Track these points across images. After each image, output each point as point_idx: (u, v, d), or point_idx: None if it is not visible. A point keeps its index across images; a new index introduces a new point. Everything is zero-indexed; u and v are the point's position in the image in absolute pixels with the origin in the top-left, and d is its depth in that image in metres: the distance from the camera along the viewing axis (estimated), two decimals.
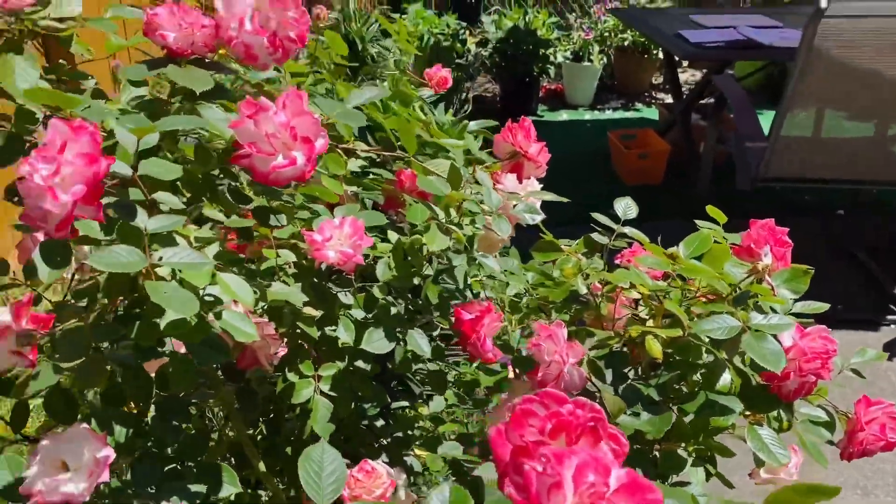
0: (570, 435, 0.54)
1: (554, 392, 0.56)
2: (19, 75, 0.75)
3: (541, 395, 0.56)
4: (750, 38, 3.33)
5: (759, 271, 0.81)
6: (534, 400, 0.56)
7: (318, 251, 0.94)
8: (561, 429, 0.54)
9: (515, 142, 1.05)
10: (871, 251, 3.13)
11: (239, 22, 0.73)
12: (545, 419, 0.54)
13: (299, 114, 0.71)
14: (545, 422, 0.54)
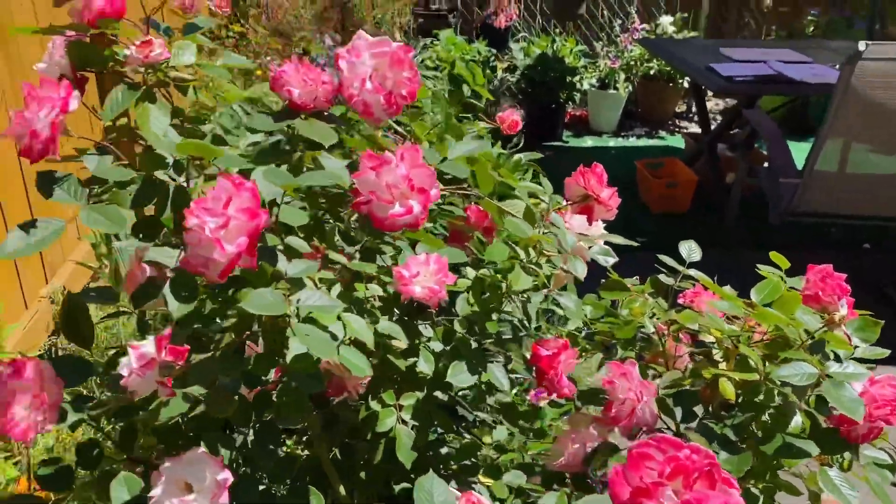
0: (688, 478, 0.59)
1: (670, 438, 0.61)
2: (153, 122, 0.81)
3: (656, 440, 0.61)
4: (781, 73, 3.39)
5: (835, 322, 0.86)
6: (650, 444, 0.61)
7: (406, 286, 0.99)
8: (679, 472, 0.59)
9: (588, 186, 1.11)
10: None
11: (361, 82, 0.79)
12: (664, 463, 0.59)
13: (416, 166, 0.77)
14: (664, 465, 0.59)
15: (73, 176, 0.79)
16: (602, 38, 5.70)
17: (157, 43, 0.80)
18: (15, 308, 2.23)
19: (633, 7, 5.65)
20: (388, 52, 0.81)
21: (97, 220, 0.75)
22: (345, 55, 0.81)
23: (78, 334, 0.94)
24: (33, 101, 0.72)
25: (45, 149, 0.73)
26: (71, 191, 0.78)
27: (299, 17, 4.78)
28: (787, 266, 1.11)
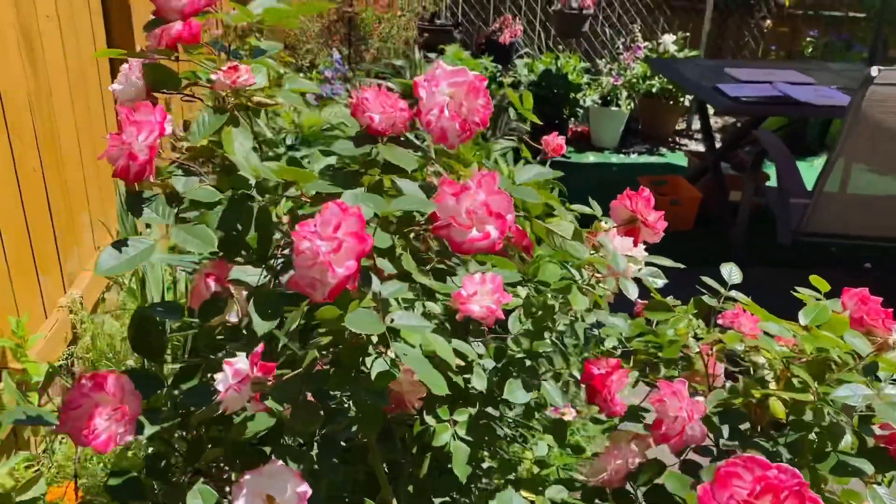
0: (777, 496, 0.62)
1: (757, 458, 0.64)
2: (237, 145, 0.84)
3: (744, 460, 0.64)
4: (787, 94, 3.45)
5: (889, 346, 0.89)
6: (737, 463, 0.64)
7: (464, 305, 1.02)
8: (768, 490, 0.62)
9: (636, 209, 1.14)
10: None
11: (440, 110, 0.83)
12: (754, 481, 0.62)
13: (493, 192, 0.80)
14: (754, 484, 0.62)
15: (161, 196, 0.82)
16: (605, 55, 5.77)
17: (244, 69, 0.83)
18: (36, 318, 2.24)
19: (635, 25, 5.72)
20: (466, 82, 0.84)
21: (188, 240, 0.77)
22: (424, 84, 0.84)
23: (148, 348, 0.97)
24: (131, 124, 0.75)
25: (143, 171, 0.75)
26: (159, 210, 0.81)
27: (306, 30, 4.82)
28: (827, 289, 1.15)
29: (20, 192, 2.10)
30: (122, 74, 0.96)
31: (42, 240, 2.24)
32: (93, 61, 2.58)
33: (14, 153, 2.06)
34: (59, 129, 2.31)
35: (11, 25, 2.01)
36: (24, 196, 2.12)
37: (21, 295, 2.13)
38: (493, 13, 5.80)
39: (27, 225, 2.17)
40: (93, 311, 2.54)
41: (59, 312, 2.38)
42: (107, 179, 2.73)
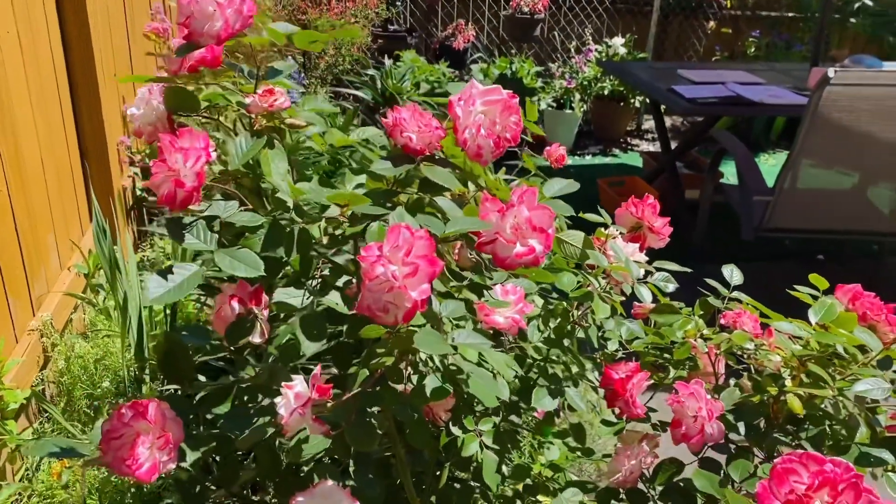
0: (834, 489, 0.65)
1: (813, 454, 0.67)
2: (275, 168, 0.84)
3: (800, 456, 0.67)
4: (740, 95, 3.57)
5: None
6: (793, 460, 0.67)
7: (489, 317, 1.04)
8: (825, 484, 0.65)
9: (642, 216, 1.18)
10: None
11: (476, 128, 0.84)
12: (812, 476, 0.66)
13: (535, 207, 0.82)
14: (812, 478, 0.65)
15: (202, 221, 0.81)
16: (556, 58, 5.86)
17: (279, 92, 0.83)
18: (7, 343, 2.17)
19: (586, 29, 5.83)
20: (500, 100, 0.86)
21: (235, 265, 0.77)
22: (460, 103, 0.85)
23: (177, 372, 0.96)
24: (177, 151, 0.74)
25: (189, 197, 0.75)
26: (201, 236, 0.80)
27: None
28: (826, 287, 1.21)
29: None
30: (139, 99, 0.95)
31: (10, 264, 2.17)
32: (51, 77, 2.51)
33: None
34: (21, 148, 2.24)
35: None
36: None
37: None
38: (445, 18, 5.83)
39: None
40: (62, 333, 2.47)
41: (29, 336, 2.31)
42: (70, 199, 2.66)
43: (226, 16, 0.80)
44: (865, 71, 2.50)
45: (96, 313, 2.58)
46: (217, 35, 0.81)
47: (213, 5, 0.79)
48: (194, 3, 0.78)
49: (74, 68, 2.69)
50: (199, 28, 0.81)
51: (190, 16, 0.80)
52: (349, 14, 4.94)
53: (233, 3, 0.80)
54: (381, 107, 2.45)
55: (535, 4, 5.11)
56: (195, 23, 0.80)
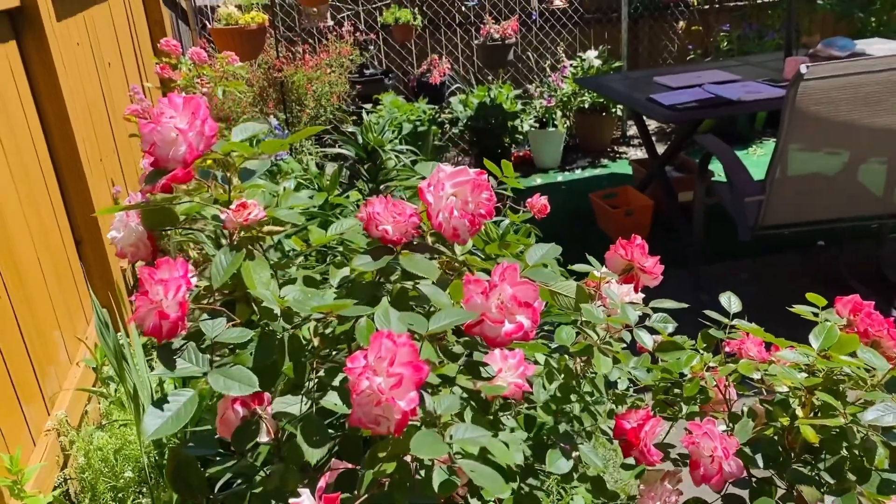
0: None
1: None
2: (258, 279, 0.84)
3: None
4: (718, 95, 3.59)
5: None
6: None
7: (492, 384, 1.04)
8: None
9: (633, 258, 1.18)
10: (861, 278, 3.36)
11: (449, 212, 0.85)
12: None
13: (518, 283, 0.82)
14: None
15: (192, 344, 0.82)
16: (533, 79, 5.90)
17: (252, 204, 0.84)
18: (25, 447, 2.17)
19: (558, 47, 5.87)
20: (469, 180, 0.87)
21: (230, 384, 0.77)
22: (430, 189, 0.86)
23: (189, 488, 0.95)
24: (157, 283, 0.75)
25: (175, 327, 0.75)
26: (192, 359, 0.81)
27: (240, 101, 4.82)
28: (824, 304, 1.20)
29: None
30: (118, 222, 0.96)
31: (20, 370, 2.18)
32: (37, 172, 2.54)
33: None
34: (16, 250, 2.26)
35: None
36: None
37: (7, 428, 2.06)
38: (418, 55, 5.89)
39: (2, 357, 2.11)
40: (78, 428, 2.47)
41: (47, 437, 2.31)
42: (71, 291, 2.67)
43: (188, 140, 0.80)
44: (837, 62, 2.51)
45: (109, 404, 2.58)
46: (183, 159, 0.82)
47: (175, 131, 0.80)
48: (155, 132, 0.79)
49: (59, 159, 2.71)
50: (164, 154, 0.82)
51: (153, 143, 0.81)
52: (324, 65, 5.00)
53: (194, 126, 0.81)
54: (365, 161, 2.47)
55: (504, 30, 5.16)
56: (159, 150, 0.81)
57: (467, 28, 5.85)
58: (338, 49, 5.07)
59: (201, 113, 0.81)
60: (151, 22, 4.47)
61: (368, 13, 5.71)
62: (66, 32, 2.91)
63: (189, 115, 0.81)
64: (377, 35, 5.74)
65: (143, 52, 4.24)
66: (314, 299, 0.78)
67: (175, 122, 0.80)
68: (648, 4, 6.09)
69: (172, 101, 0.81)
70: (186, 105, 0.81)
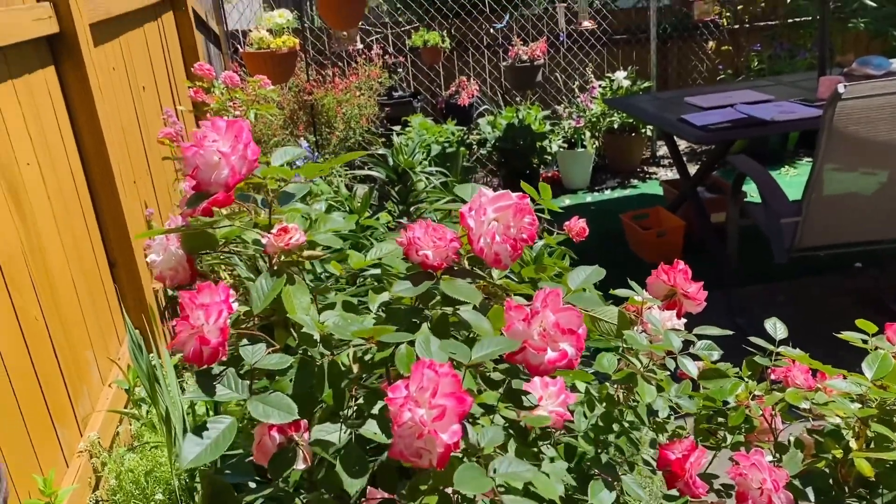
0: None
1: None
2: (298, 304, 0.83)
3: None
4: (750, 115, 3.55)
5: None
6: None
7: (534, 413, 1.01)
8: None
9: (675, 283, 1.15)
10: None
11: (491, 237, 0.83)
12: None
13: (561, 309, 0.80)
14: None
15: (231, 370, 0.81)
16: (562, 100, 5.90)
17: (293, 228, 0.83)
18: (58, 469, 2.18)
19: (587, 68, 5.87)
20: (511, 205, 0.85)
21: (269, 412, 0.76)
22: (470, 214, 0.85)
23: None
24: (198, 308, 0.74)
25: (215, 352, 0.75)
26: (232, 385, 0.80)
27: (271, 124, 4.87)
28: (874, 331, 1.16)
29: (26, 345, 2.06)
30: (157, 245, 0.96)
31: (53, 388, 2.19)
32: (73, 195, 2.57)
33: (15, 307, 2.02)
34: (52, 272, 2.28)
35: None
36: (30, 349, 2.08)
37: (41, 449, 2.07)
38: (447, 78, 5.92)
39: (37, 377, 2.12)
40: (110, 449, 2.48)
41: (79, 458, 2.32)
42: (104, 314, 2.69)
43: (231, 163, 0.80)
44: (875, 81, 2.47)
45: (141, 426, 2.59)
46: (225, 183, 0.81)
47: (217, 155, 0.79)
48: (198, 155, 0.79)
49: (94, 181, 2.75)
50: (206, 178, 0.81)
51: (196, 167, 0.80)
52: (353, 88, 5.04)
53: (236, 150, 0.80)
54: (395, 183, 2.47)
55: (532, 51, 5.16)
56: (201, 173, 0.80)
57: (495, 50, 5.87)
58: (367, 72, 5.11)
59: (244, 137, 0.81)
60: (185, 47, 4.54)
61: (397, 36, 5.76)
62: (103, 57, 2.96)
63: (232, 139, 0.80)
64: (406, 58, 5.79)
65: (177, 76, 4.31)
66: (354, 325, 0.77)
67: (218, 146, 0.80)
68: (677, 25, 6.07)
69: (216, 125, 0.81)
70: (229, 129, 0.80)
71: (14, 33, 2.16)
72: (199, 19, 4.79)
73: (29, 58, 2.33)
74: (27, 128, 2.23)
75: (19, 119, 2.19)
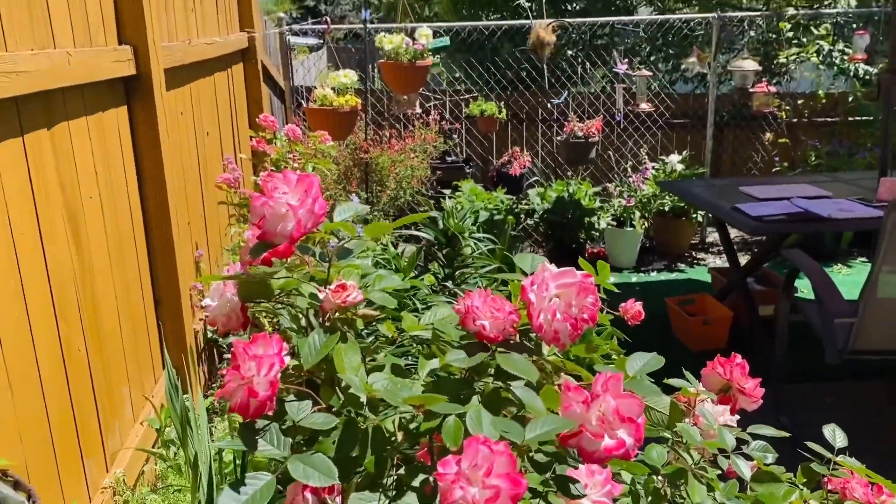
0: None
1: None
2: (348, 364, 0.82)
3: None
4: (807, 210, 3.49)
5: None
6: None
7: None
8: None
9: (732, 378, 1.11)
10: None
11: (552, 314, 0.81)
12: None
13: (622, 395, 0.77)
14: None
15: (275, 425, 0.79)
16: (613, 178, 5.90)
17: (351, 286, 0.82)
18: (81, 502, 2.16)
19: (642, 149, 5.89)
20: (575, 283, 0.83)
21: (310, 473, 0.74)
22: (532, 288, 0.83)
23: None
24: (251, 359, 0.73)
25: (263, 406, 0.73)
26: (274, 441, 0.78)
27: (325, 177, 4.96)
28: None
29: (66, 376, 2.07)
30: (214, 290, 0.96)
31: (86, 421, 2.20)
32: (129, 233, 2.62)
33: (61, 336, 2.05)
34: (99, 305, 2.31)
35: (59, 207, 2.06)
36: (70, 379, 2.09)
37: (66, 479, 2.06)
38: (500, 147, 5.99)
39: (73, 408, 2.13)
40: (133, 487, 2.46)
41: (102, 495, 2.30)
42: (144, 351, 2.71)
43: (298, 216, 0.80)
44: None
45: (167, 467, 2.57)
46: (290, 235, 0.81)
47: (286, 207, 0.80)
48: (267, 206, 0.79)
49: (150, 219, 2.81)
50: (272, 228, 0.81)
51: (262, 217, 0.81)
52: (408, 150, 5.12)
53: (305, 204, 0.81)
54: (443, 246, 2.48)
55: (588, 128, 5.21)
56: (268, 224, 0.81)
57: (550, 124, 5.94)
58: (423, 135, 5.20)
59: (313, 191, 0.81)
60: (251, 98, 4.69)
61: (455, 104, 5.88)
62: (173, 101, 3.06)
63: (301, 193, 0.81)
64: (461, 124, 5.88)
65: (240, 125, 4.44)
66: (405, 390, 0.75)
67: (287, 199, 0.80)
68: (735, 114, 6.08)
69: (287, 177, 0.81)
70: (300, 182, 0.81)
71: (94, 73, 2.25)
72: (266, 73, 4.96)
73: (104, 97, 2.42)
74: (94, 163, 2.31)
75: (88, 154, 2.27)
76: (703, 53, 5.52)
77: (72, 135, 2.17)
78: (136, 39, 2.59)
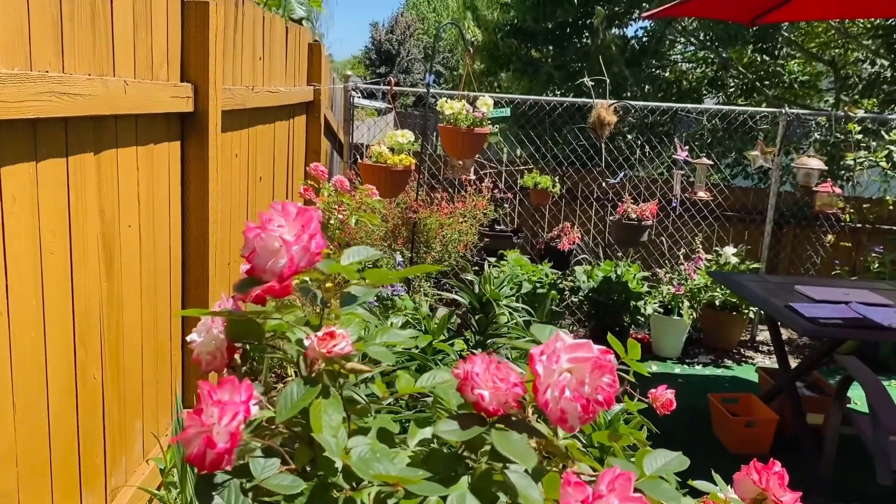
0: None
1: None
2: (326, 422, 0.74)
3: None
4: (866, 317, 3.30)
5: None
6: None
7: None
8: None
9: (768, 487, 0.99)
10: None
11: (560, 390, 0.72)
12: None
13: (629, 498, 0.67)
14: None
15: (235, 482, 0.71)
16: (664, 264, 5.76)
17: (340, 336, 0.75)
18: None
19: (695, 237, 5.74)
20: (590, 358, 0.74)
21: None
22: (541, 358, 0.74)
23: None
24: (213, 405, 0.66)
25: (220, 459, 0.65)
26: (231, 499, 0.69)
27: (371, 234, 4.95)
28: None
29: (77, 402, 2.03)
30: (202, 325, 0.90)
31: (91, 452, 2.14)
32: (165, 263, 2.61)
33: (77, 361, 2.01)
34: (124, 336, 2.28)
35: (95, 232, 2.05)
36: (79, 407, 2.04)
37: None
38: (551, 220, 5.92)
39: (78, 438, 2.07)
40: None
41: None
42: (164, 388, 2.66)
43: (291, 253, 0.74)
44: None
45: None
46: (280, 273, 0.75)
47: (279, 241, 0.73)
48: (259, 238, 0.73)
49: (189, 257, 2.79)
50: (261, 264, 0.75)
51: (253, 250, 0.74)
52: (458, 214, 5.10)
53: (300, 240, 0.74)
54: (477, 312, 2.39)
55: (642, 211, 5.11)
56: (258, 258, 0.74)
57: (604, 203, 5.86)
58: (474, 202, 5.17)
59: (311, 228, 0.75)
60: (309, 150, 4.75)
61: (510, 174, 5.86)
62: (228, 143, 3.09)
63: (298, 228, 0.74)
64: (514, 194, 5.85)
65: (295, 174, 4.48)
66: (380, 463, 0.66)
67: (282, 233, 0.74)
68: (796, 212, 5.91)
69: (285, 209, 0.75)
70: (298, 216, 0.75)
71: (150, 105, 2.28)
72: (328, 127, 5.04)
73: (158, 129, 2.44)
74: (138, 192, 2.31)
75: (133, 184, 2.27)
76: (767, 148, 5.41)
77: (119, 162, 2.18)
78: (199, 78, 2.63)
